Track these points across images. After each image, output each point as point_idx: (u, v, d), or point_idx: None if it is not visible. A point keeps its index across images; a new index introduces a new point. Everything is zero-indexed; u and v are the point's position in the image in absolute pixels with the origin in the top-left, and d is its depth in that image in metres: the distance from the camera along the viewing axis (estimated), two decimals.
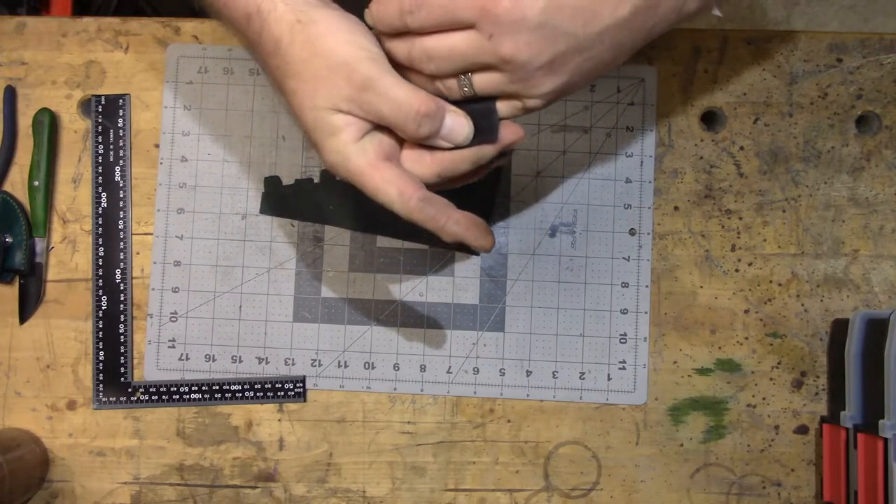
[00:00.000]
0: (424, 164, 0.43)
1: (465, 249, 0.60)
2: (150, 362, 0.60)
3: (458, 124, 0.41)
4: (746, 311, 0.60)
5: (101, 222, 0.60)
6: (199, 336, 0.60)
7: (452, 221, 0.42)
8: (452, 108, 0.41)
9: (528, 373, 0.60)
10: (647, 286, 0.60)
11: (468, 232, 0.42)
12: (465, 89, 0.41)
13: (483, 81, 0.41)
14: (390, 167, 0.41)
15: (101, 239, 0.60)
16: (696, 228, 0.61)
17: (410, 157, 0.43)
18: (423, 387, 0.60)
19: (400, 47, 0.41)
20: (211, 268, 0.61)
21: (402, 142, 0.43)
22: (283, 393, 0.60)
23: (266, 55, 0.41)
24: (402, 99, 0.39)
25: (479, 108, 0.42)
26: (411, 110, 0.39)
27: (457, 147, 0.42)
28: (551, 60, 0.39)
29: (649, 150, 0.61)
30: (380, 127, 0.41)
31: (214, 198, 0.61)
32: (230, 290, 0.61)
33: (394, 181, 0.40)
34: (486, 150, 0.43)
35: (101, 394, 0.60)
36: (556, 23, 0.38)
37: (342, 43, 0.39)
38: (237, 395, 0.60)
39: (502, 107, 0.42)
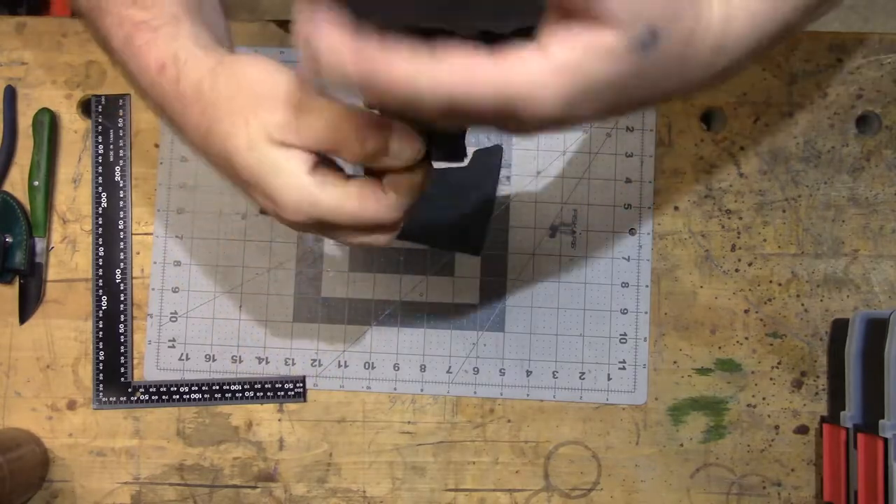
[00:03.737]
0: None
1: (464, 249, 0.60)
2: (150, 362, 0.60)
3: (410, 141, 0.35)
4: (746, 311, 0.60)
5: (101, 222, 0.60)
6: (199, 336, 0.60)
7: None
8: (398, 123, 0.35)
9: (528, 373, 0.60)
10: (647, 286, 0.60)
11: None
12: None
13: None
14: (358, 181, 0.36)
15: (101, 239, 0.60)
16: (696, 228, 0.61)
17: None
18: (423, 387, 0.60)
19: None
20: (211, 268, 0.61)
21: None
22: (283, 393, 0.60)
23: (186, 104, 0.37)
24: (343, 113, 0.34)
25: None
26: (353, 124, 0.34)
27: (408, 169, 0.36)
28: None
29: (649, 150, 0.61)
30: (325, 164, 0.36)
31: (214, 198, 0.61)
32: (230, 290, 0.61)
33: (370, 193, 0.36)
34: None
35: (101, 394, 0.60)
36: None
37: (268, 72, 0.35)
38: (237, 395, 0.60)
39: None
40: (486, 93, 0.26)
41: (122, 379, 0.60)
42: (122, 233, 0.60)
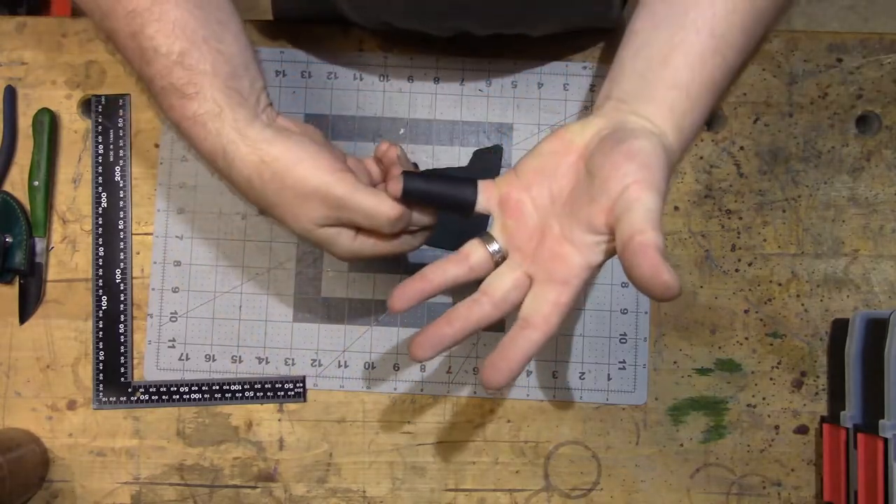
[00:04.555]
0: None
1: None
2: (150, 362, 0.60)
3: (425, 216, 0.47)
4: (746, 311, 0.60)
5: (101, 222, 0.60)
6: (199, 336, 0.60)
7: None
8: (419, 207, 0.47)
9: (528, 373, 0.60)
10: None
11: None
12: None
13: None
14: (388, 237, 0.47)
15: (101, 239, 0.60)
16: (696, 228, 0.61)
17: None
18: (423, 387, 0.60)
19: None
20: (211, 268, 0.61)
21: None
22: (283, 393, 0.60)
23: (238, 187, 0.45)
24: (373, 209, 0.44)
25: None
26: (383, 217, 0.44)
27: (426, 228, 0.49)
28: None
29: None
30: None
31: (214, 198, 0.61)
32: (230, 290, 0.61)
33: (402, 240, 0.48)
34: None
35: (101, 394, 0.60)
36: None
37: (308, 171, 0.43)
38: (237, 395, 0.60)
39: None
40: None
41: (122, 379, 0.60)
42: (122, 233, 0.60)
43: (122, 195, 0.61)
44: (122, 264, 0.60)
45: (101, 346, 0.60)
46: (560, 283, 0.42)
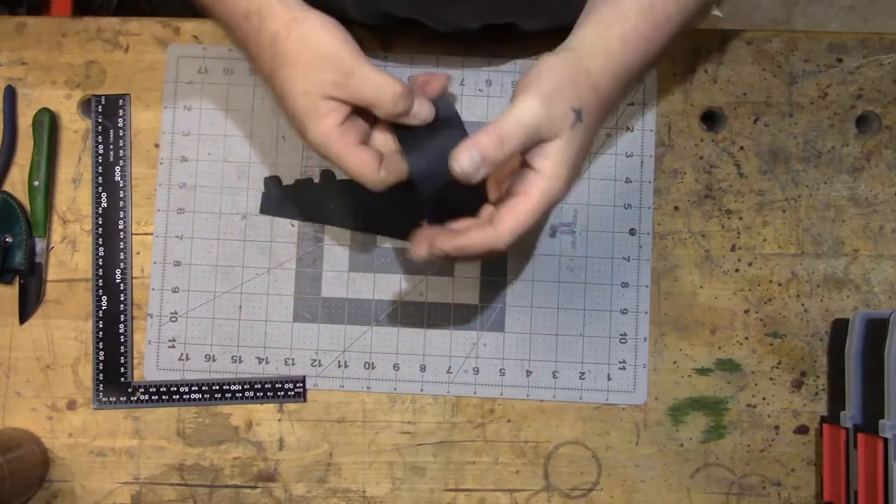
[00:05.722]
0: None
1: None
2: (150, 362, 0.60)
3: (424, 106, 0.48)
4: (746, 311, 0.60)
5: (101, 222, 0.60)
6: (199, 336, 0.60)
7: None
8: (421, 96, 0.48)
9: (528, 373, 0.60)
10: (647, 286, 0.60)
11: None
12: None
13: None
14: (364, 150, 0.47)
15: (101, 239, 0.60)
16: (696, 228, 0.61)
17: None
18: (423, 387, 0.60)
19: None
20: (211, 268, 0.61)
21: (373, 123, 0.50)
22: (283, 393, 0.60)
23: (262, 48, 0.46)
24: (383, 83, 0.45)
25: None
26: (389, 91, 0.45)
27: (421, 126, 0.48)
28: None
29: (649, 150, 0.61)
30: (356, 113, 0.47)
31: (214, 198, 0.61)
32: (230, 290, 0.61)
33: (367, 163, 0.47)
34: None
35: (101, 394, 0.60)
36: None
37: (330, 38, 0.45)
38: (237, 395, 0.60)
39: None
40: (476, 250, 0.46)
41: (122, 379, 0.60)
42: (122, 233, 0.60)
43: (122, 195, 0.61)
44: (122, 264, 0.60)
45: (101, 346, 0.60)
46: (521, 193, 0.45)
